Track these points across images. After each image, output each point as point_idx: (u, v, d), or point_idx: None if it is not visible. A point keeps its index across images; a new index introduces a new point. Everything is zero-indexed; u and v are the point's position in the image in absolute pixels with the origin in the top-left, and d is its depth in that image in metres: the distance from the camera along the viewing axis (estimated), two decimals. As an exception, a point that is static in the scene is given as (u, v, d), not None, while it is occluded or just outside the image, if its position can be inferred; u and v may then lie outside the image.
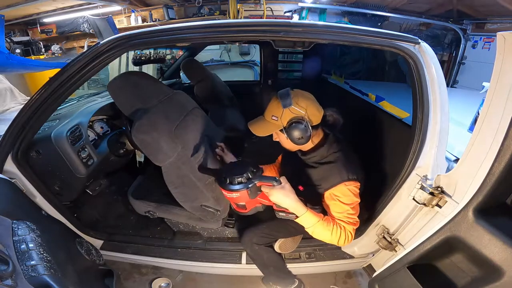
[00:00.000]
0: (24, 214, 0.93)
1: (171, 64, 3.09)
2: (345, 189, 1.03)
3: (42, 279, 0.71)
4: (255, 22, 1.15)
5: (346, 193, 1.04)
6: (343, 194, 1.04)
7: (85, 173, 1.33)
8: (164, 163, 1.16)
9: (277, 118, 1.04)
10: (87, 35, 4.74)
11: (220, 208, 1.29)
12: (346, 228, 1.03)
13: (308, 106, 1.03)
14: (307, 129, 1.01)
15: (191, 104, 1.43)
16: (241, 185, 0.95)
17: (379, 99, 1.73)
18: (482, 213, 0.72)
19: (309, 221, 1.01)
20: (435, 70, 1.01)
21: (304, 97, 1.05)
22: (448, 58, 4.74)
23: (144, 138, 1.11)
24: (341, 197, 1.04)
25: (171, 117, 1.22)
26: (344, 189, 1.03)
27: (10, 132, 1.05)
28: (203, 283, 1.56)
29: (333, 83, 2.63)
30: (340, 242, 1.02)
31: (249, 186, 0.95)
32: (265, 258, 1.31)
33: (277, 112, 1.04)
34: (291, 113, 1.02)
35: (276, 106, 1.04)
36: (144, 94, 1.22)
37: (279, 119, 1.04)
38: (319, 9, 4.40)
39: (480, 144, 0.73)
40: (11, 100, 3.08)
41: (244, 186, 0.95)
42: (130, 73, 1.33)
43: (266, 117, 1.09)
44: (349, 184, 1.03)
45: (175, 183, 1.21)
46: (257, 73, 4.52)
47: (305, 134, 1.01)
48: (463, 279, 0.76)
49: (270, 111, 1.08)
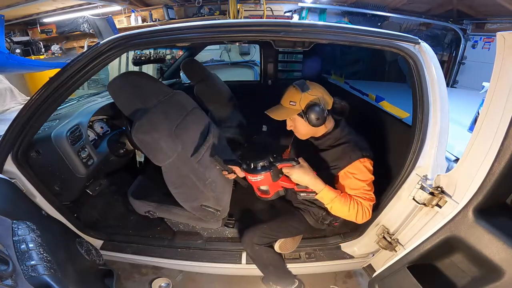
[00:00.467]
0: (24, 214, 0.93)
1: (171, 64, 3.09)
2: (361, 165, 1.09)
3: (42, 279, 0.71)
4: (255, 22, 1.15)
5: (362, 170, 1.09)
6: (359, 171, 1.09)
7: (85, 173, 1.33)
8: (164, 163, 1.16)
9: (295, 103, 1.11)
10: (87, 35, 4.73)
11: (220, 208, 1.29)
12: (363, 204, 1.08)
13: (322, 92, 1.13)
14: (324, 111, 1.09)
15: (191, 104, 1.43)
16: (265, 168, 1.05)
17: (379, 99, 1.73)
18: (482, 213, 0.72)
19: (328, 196, 1.06)
20: (435, 70, 1.01)
21: (317, 85, 1.15)
22: (448, 58, 4.74)
23: (144, 138, 1.11)
24: (357, 174, 1.09)
25: (171, 117, 1.22)
26: (360, 165, 1.09)
27: (10, 132, 1.05)
28: (203, 283, 1.56)
29: (333, 83, 2.63)
30: (358, 218, 1.08)
31: (271, 168, 1.04)
32: (265, 258, 1.31)
33: (295, 97, 1.11)
34: (309, 96, 1.10)
35: (294, 92, 1.12)
36: (144, 94, 1.22)
37: (297, 103, 1.10)
38: (319, 9, 4.40)
39: (480, 144, 0.73)
40: (11, 100, 3.08)
41: (267, 168, 1.04)
42: (130, 73, 1.33)
43: (284, 103, 1.15)
44: (363, 161, 1.10)
45: (175, 183, 1.21)
46: (257, 73, 4.51)
47: (322, 115, 1.09)
48: (463, 279, 0.76)
49: (288, 97, 1.14)
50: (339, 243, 1.45)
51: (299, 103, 1.10)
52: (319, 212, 1.31)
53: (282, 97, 1.18)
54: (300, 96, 1.09)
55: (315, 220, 1.34)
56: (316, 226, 1.37)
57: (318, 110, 1.08)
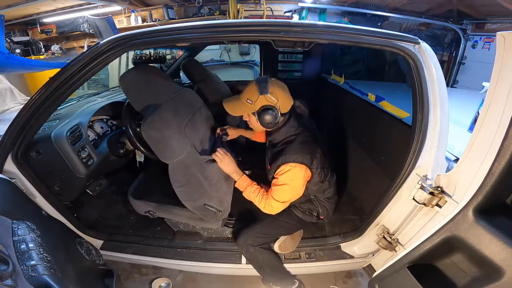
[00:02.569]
0: (24, 214, 0.92)
1: (171, 64, 3.09)
2: (286, 168, 1.15)
3: (42, 279, 0.71)
4: (255, 22, 1.15)
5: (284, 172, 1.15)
6: (283, 171, 1.16)
7: (85, 173, 1.33)
8: (171, 160, 1.16)
9: (251, 102, 1.14)
10: (87, 35, 4.73)
11: (222, 208, 1.29)
12: (269, 199, 1.20)
13: (281, 96, 1.13)
14: (277, 117, 1.13)
15: (199, 102, 1.42)
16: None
17: (379, 99, 1.73)
18: (482, 213, 0.72)
19: (242, 184, 1.25)
20: (435, 70, 1.01)
21: (279, 87, 1.14)
22: (448, 58, 4.74)
23: (154, 135, 1.11)
24: (281, 174, 1.16)
25: (181, 114, 1.22)
26: (285, 168, 1.15)
27: (10, 132, 1.05)
28: (203, 283, 1.56)
29: (333, 83, 2.62)
30: (264, 209, 1.23)
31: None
32: (261, 260, 1.31)
33: (252, 97, 1.13)
34: (265, 100, 1.12)
35: (253, 91, 1.13)
36: (156, 89, 1.22)
37: (253, 103, 1.14)
38: (319, 9, 4.39)
39: (480, 144, 0.73)
40: (11, 100, 3.07)
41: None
42: (143, 67, 1.32)
43: (242, 98, 1.18)
44: (292, 165, 1.14)
45: (181, 182, 1.21)
46: (257, 73, 4.51)
47: (274, 120, 1.13)
48: (463, 279, 0.76)
49: (246, 94, 1.16)
50: (339, 243, 1.45)
51: (254, 103, 1.13)
52: (303, 205, 1.36)
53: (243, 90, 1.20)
54: (257, 97, 1.12)
55: (302, 212, 1.37)
56: (307, 219, 1.38)
57: (271, 115, 1.11)
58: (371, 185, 1.55)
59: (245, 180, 1.25)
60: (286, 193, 1.18)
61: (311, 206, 1.36)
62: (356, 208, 1.71)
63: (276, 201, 1.18)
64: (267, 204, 1.20)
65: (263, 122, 1.14)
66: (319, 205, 1.36)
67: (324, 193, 1.34)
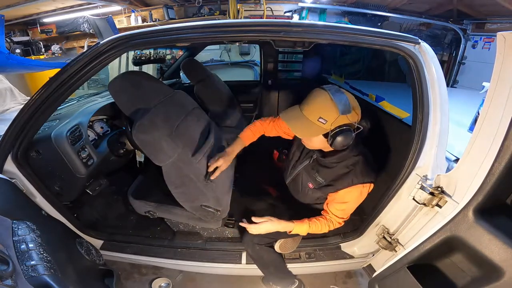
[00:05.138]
0: (24, 214, 0.93)
1: (171, 64, 3.08)
2: (358, 191, 1.07)
3: (42, 279, 0.71)
4: (255, 22, 1.15)
5: (355, 194, 1.08)
6: (352, 194, 1.07)
7: (85, 173, 1.33)
8: (164, 163, 1.16)
9: (325, 122, 0.93)
10: (87, 35, 4.73)
11: (220, 208, 1.29)
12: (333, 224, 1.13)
13: (359, 113, 0.98)
14: (353, 138, 0.96)
15: (191, 104, 1.43)
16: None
17: (379, 99, 1.73)
18: (482, 213, 0.72)
19: (301, 230, 1.13)
20: (435, 70, 1.01)
21: (355, 101, 0.97)
22: (448, 58, 4.74)
23: (144, 138, 1.11)
24: (349, 197, 1.08)
25: (172, 117, 1.22)
26: (357, 191, 1.07)
27: (10, 132, 1.04)
28: (203, 283, 1.56)
29: (333, 83, 2.63)
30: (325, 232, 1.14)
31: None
32: (266, 258, 1.31)
33: (329, 116, 0.93)
34: (345, 119, 0.93)
35: (330, 108, 0.92)
36: (145, 94, 1.22)
37: (329, 123, 0.93)
38: (319, 9, 4.39)
39: (480, 144, 0.73)
40: (11, 100, 3.07)
41: None
42: (131, 72, 1.33)
43: (310, 116, 0.96)
44: (363, 186, 1.07)
45: (176, 183, 1.21)
46: (257, 73, 4.51)
47: (349, 142, 0.96)
48: (463, 279, 0.76)
49: (318, 110, 0.94)
50: (339, 243, 1.45)
51: (331, 124, 0.93)
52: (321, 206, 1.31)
53: (307, 103, 0.99)
54: (336, 117, 0.92)
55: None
56: None
57: (348, 137, 0.93)
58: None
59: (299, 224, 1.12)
60: (350, 210, 1.11)
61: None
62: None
63: (341, 219, 1.12)
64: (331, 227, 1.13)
65: (336, 145, 0.95)
66: None
67: None
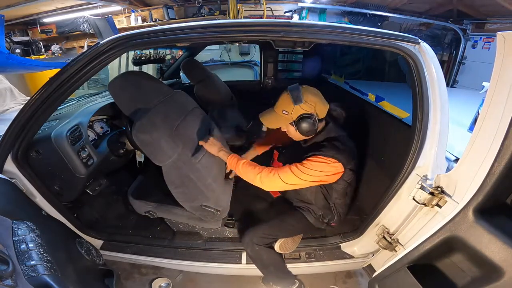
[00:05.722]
0: (24, 214, 0.93)
1: (171, 64, 3.09)
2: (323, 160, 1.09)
3: (42, 279, 0.71)
4: (255, 22, 1.15)
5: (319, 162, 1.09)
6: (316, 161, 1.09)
7: (85, 173, 1.33)
8: (164, 163, 1.16)
9: (287, 113, 1.12)
10: (87, 35, 4.73)
11: (220, 208, 1.29)
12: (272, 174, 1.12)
13: (316, 103, 1.12)
14: (315, 123, 1.11)
15: (191, 104, 1.43)
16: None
17: (379, 99, 1.73)
18: (482, 213, 0.72)
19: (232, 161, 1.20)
20: (435, 70, 1.01)
21: (312, 94, 1.13)
22: (448, 58, 4.74)
23: (144, 138, 1.11)
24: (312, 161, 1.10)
25: (172, 117, 1.22)
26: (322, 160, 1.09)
27: (10, 132, 1.05)
28: (203, 283, 1.55)
29: (333, 83, 2.63)
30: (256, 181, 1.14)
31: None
32: (265, 258, 1.31)
33: (288, 108, 1.12)
34: (301, 109, 1.10)
35: (287, 101, 1.12)
36: (145, 94, 1.22)
37: (290, 114, 1.12)
38: (319, 9, 4.39)
39: (480, 144, 0.73)
40: (11, 100, 3.07)
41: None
42: (131, 73, 1.33)
43: (277, 110, 1.16)
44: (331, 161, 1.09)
45: (175, 183, 1.21)
46: (257, 73, 4.51)
47: (313, 128, 1.12)
48: (463, 279, 0.76)
49: (281, 105, 1.14)
50: (339, 243, 1.45)
51: (291, 114, 1.12)
52: (319, 211, 1.33)
53: (276, 101, 1.18)
54: (292, 108, 1.10)
55: (315, 218, 1.35)
56: (316, 225, 1.37)
57: (309, 123, 1.10)
58: (371, 185, 1.55)
59: (235, 156, 1.22)
60: (299, 179, 1.09)
61: (326, 213, 1.33)
62: (356, 208, 1.71)
63: (281, 179, 1.10)
64: (266, 177, 1.12)
65: (302, 131, 1.12)
66: (336, 213, 1.33)
67: (344, 198, 1.32)
